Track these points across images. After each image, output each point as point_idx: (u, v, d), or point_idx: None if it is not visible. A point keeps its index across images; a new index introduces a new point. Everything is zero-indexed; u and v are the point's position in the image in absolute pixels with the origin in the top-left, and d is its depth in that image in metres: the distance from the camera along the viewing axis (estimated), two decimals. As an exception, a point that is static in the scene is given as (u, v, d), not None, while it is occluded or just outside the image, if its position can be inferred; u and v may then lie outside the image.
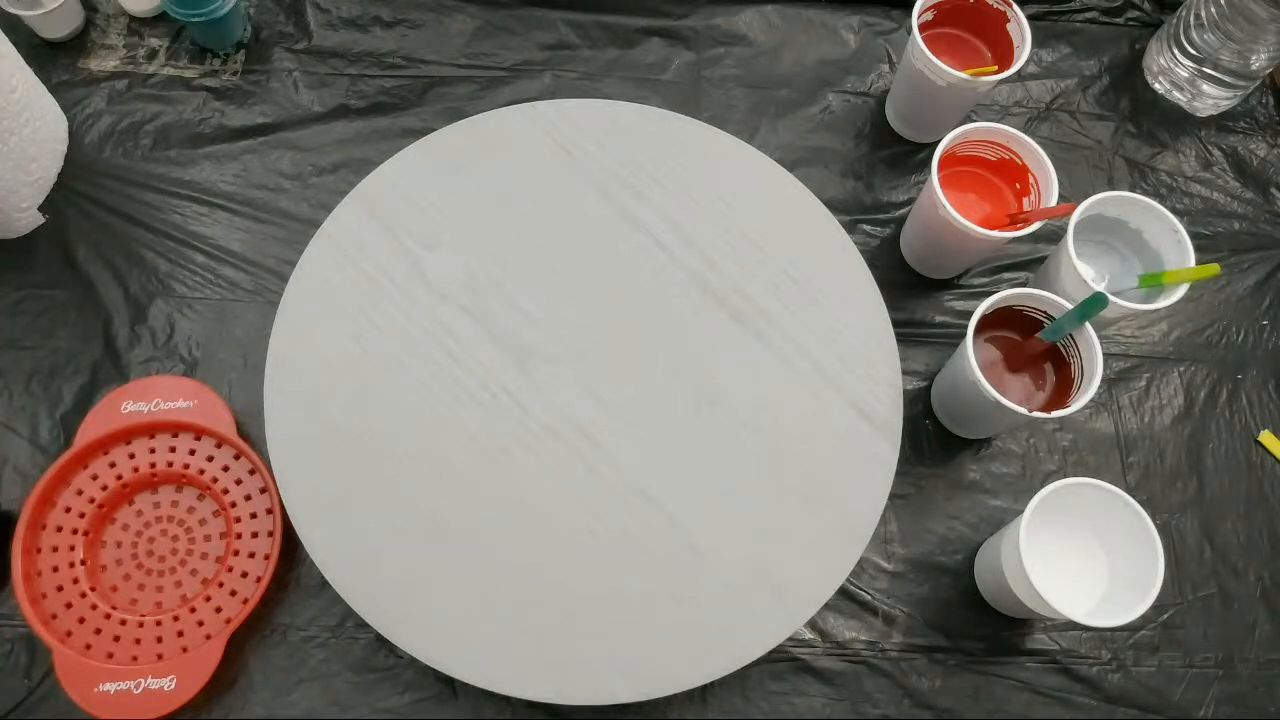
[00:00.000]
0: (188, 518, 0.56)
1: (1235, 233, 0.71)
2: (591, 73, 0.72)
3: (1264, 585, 0.61)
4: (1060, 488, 0.51)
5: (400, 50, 0.72)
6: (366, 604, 0.49)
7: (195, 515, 0.57)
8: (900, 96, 0.69)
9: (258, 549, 0.55)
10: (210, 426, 0.57)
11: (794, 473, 0.53)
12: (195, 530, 0.56)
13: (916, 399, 0.64)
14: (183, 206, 0.66)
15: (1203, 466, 0.63)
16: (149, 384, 0.58)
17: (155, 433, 0.57)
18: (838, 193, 0.69)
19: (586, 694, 0.48)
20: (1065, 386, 0.56)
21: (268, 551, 0.55)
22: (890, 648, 0.58)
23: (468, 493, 0.51)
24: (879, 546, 0.60)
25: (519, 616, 0.49)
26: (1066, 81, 0.75)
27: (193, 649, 0.53)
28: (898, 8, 0.76)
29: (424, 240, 0.56)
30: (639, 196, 0.58)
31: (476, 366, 0.54)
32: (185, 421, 0.57)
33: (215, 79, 0.70)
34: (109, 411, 0.57)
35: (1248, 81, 0.71)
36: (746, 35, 0.74)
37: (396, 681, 0.55)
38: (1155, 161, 0.72)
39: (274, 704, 0.54)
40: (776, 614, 0.50)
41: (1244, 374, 0.66)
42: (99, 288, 0.63)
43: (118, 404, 0.57)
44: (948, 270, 0.66)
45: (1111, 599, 0.52)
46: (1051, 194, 0.58)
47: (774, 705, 0.56)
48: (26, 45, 0.66)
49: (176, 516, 0.56)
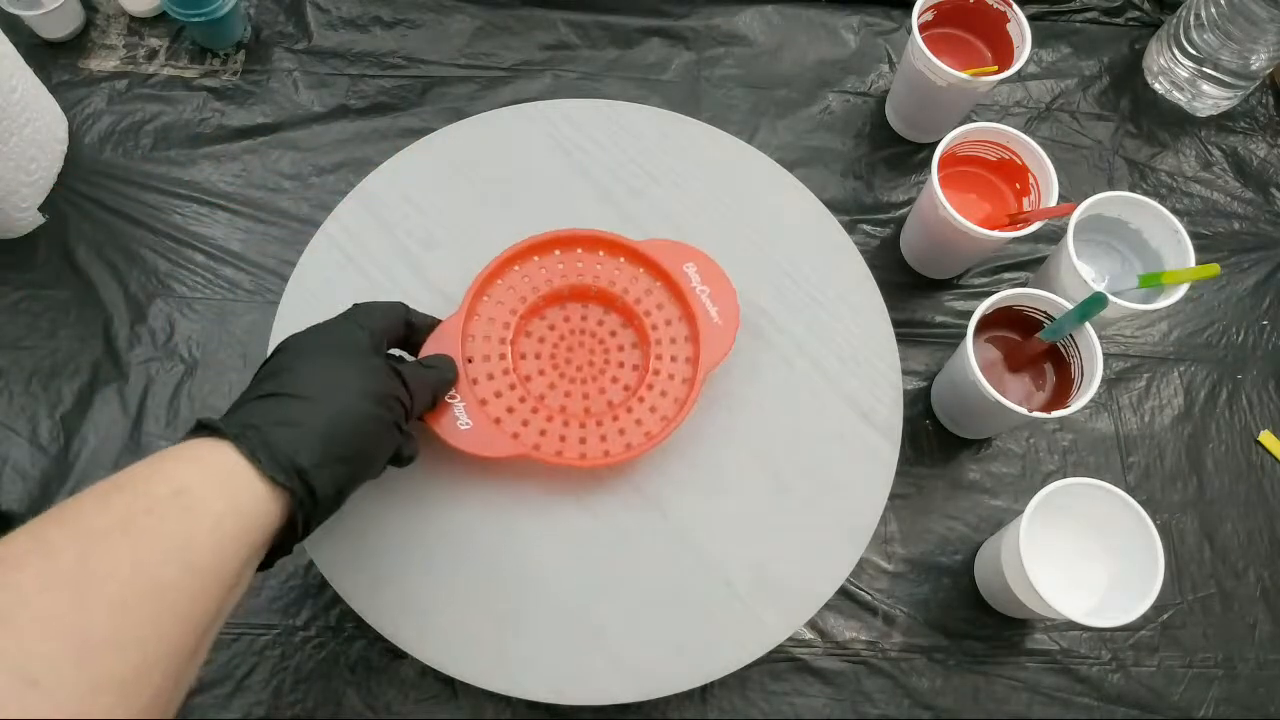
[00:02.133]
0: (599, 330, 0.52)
1: (1235, 233, 0.71)
2: (591, 73, 0.72)
3: (1264, 585, 0.61)
4: (1060, 488, 0.51)
5: (400, 50, 0.72)
6: (366, 604, 0.49)
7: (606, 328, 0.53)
8: (900, 96, 0.69)
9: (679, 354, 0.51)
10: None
11: (794, 473, 0.53)
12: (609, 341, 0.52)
13: (916, 399, 0.64)
14: (183, 206, 0.66)
15: (1203, 466, 0.63)
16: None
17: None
18: (838, 193, 0.69)
19: (586, 694, 0.48)
20: (1065, 386, 0.56)
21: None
22: (890, 648, 0.58)
23: (467, 492, 0.51)
24: (879, 546, 0.60)
25: (519, 617, 0.49)
26: (1066, 81, 0.75)
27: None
28: (898, 8, 0.76)
29: (424, 240, 0.56)
30: (639, 196, 0.58)
31: (476, 366, 0.54)
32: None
33: (215, 79, 0.70)
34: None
35: (1248, 81, 0.72)
36: (746, 35, 0.74)
37: (396, 681, 0.55)
38: (1155, 161, 0.72)
39: (274, 704, 0.54)
40: (776, 614, 0.50)
41: (1244, 374, 0.66)
42: (99, 288, 0.63)
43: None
44: (948, 270, 0.66)
45: (1111, 599, 0.52)
46: (1051, 194, 0.58)
47: (774, 705, 0.56)
48: (26, 45, 0.66)
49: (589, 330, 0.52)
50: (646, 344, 0.52)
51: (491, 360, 0.50)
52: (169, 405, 0.60)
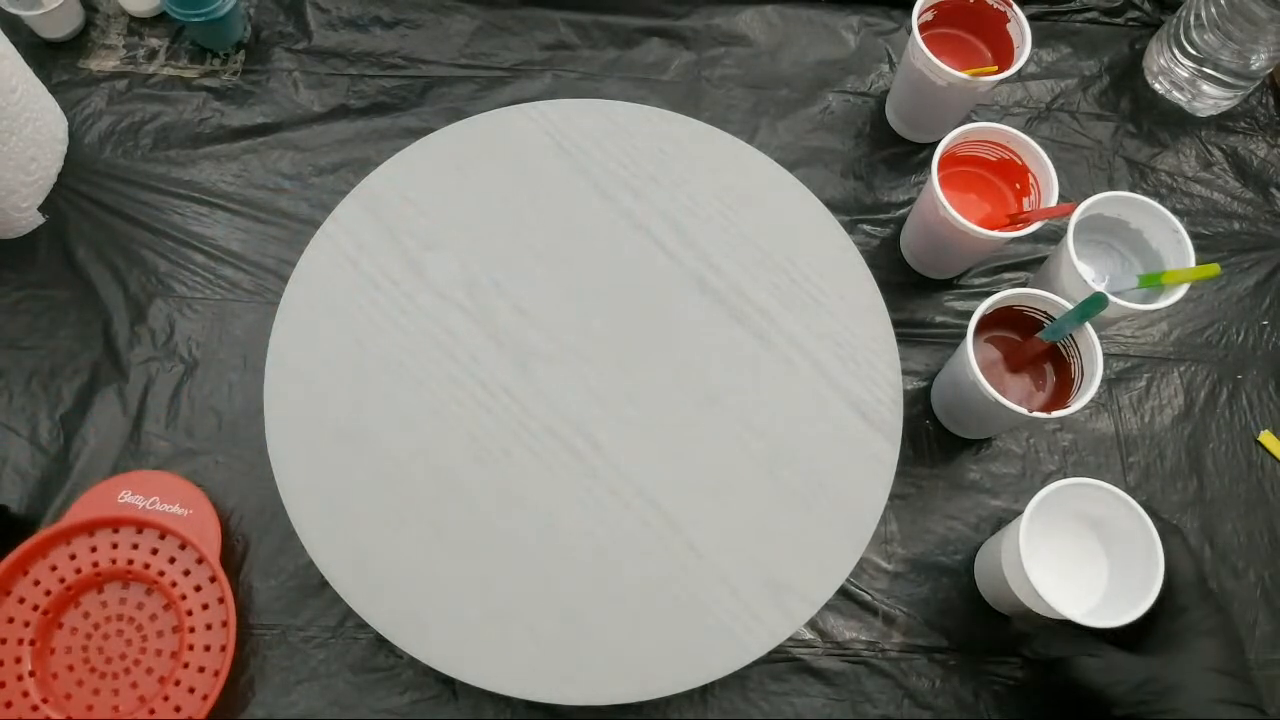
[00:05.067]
0: (137, 615, 0.54)
1: (1235, 233, 0.71)
2: (591, 73, 0.72)
3: (1264, 585, 0.61)
4: (1060, 488, 0.51)
5: (400, 50, 0.72)
6: (366, 604, 0.49)
7: (145, 611, 0.54)
8: (900, 96, 0.69)
9: (213, 642, 0.53)
10: (195, 541, 0.54)
11: (794, 473, 0.53)
12: (146, 627, 0.54)
13: (916, 399, 0.64)
14: (183, 206, 0.66)
15: (1203, 467, 0.63)
16: (151, 478, 0.57)
17: (143, 528, 0.55)
18: (838, 193, 0.69)
19: (586, 694, 0.48)
20: (1065, 386, 0.56)
21: (223, 643, 0.53)
22: (890, 648, 0.58)
23: (468, 493, 0.51)
24: (879, 546, 0.60)
25: (519, 616, 0.49)
26: (1066, 81, 0.75)
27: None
28: (898, 8, 0.76)
29: (424, 240, 0.56)
30: (639, 196, 0.58)
31: (476, 367, 0.54)
32: (174, 529, 0.54)
33: (215, 79, 0.70)
34: (107, 495, 0.56)
35: (1248, 81, 0.71)
36: (746, 35, 0.74)
37: (396, 681, 0.55)
38: (1155, 161, 0.72)
39: (274, 704, 0.54)
40: (776, 614, 0.50)
41: (1244, 374, 0.66)
42: (99, 288, 0.63)
43: (116, 491, 0.56)
44: (948, 270, 0.66)
45: (1111, 599, 0.52)
46: (1051, 194, 0.58)
47: (774, 705, 0.56)
48: (26, 45, 0.66)
49: (125, 615, 0.54)
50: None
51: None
52: (169, 405, 0.60)
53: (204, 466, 0.58)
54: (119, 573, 0.54)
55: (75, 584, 0.54)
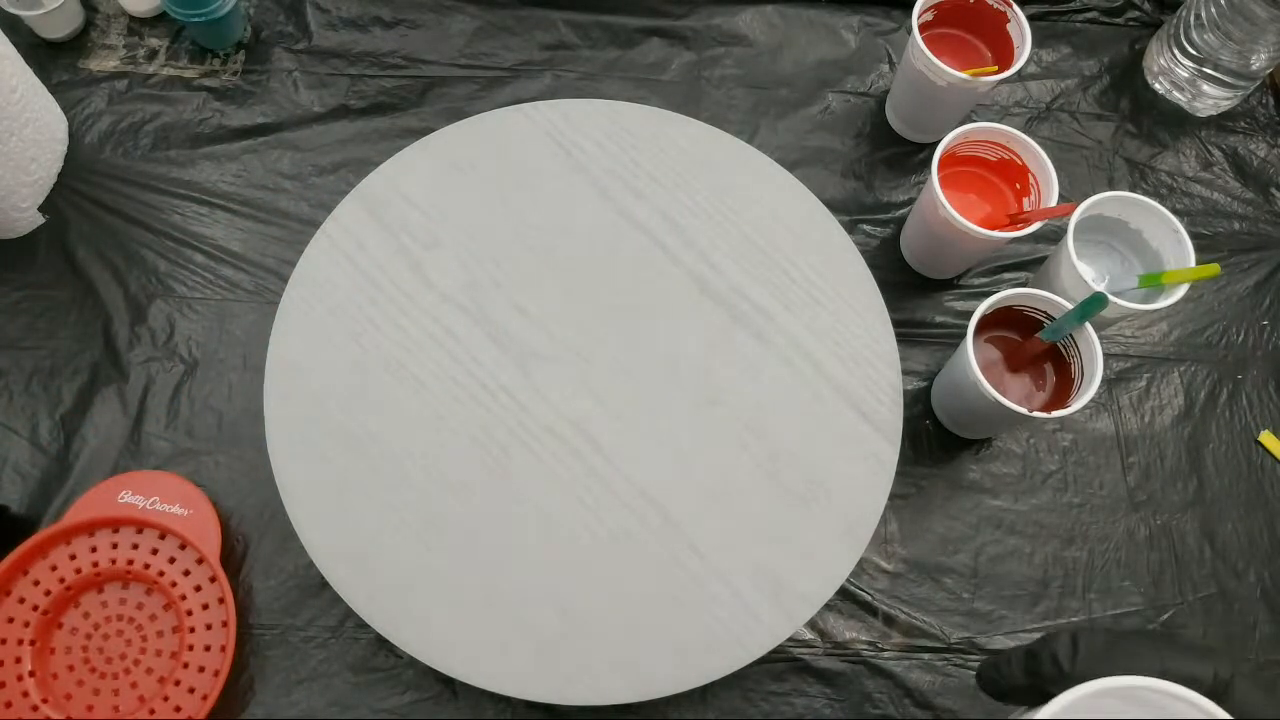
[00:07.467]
0: (137, 615, 0.54)
1: (1235, 233, 0.71)
2: (591, 73, 0.72)
3: (1264, 585, 0.61)
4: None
5: (400, 50, 0.72)
6: (366, 604, 0.49)
7: (145, 612, 0.54)
8: (900, 96, 0.69)
9: (213, 642, 0.53)
10: (195, 541, 0.54)
11: (794, 473, 0.53)
12: (146, 627, 0.54)
13: (916, 399, 0.64)
14: (183, 206, 0.66)
15: (1203, 466, 0.63)
16: (151, 478, 0.57)
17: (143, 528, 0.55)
18: (838, 193, 0.69)
19: (586, 694, 0.48)
20: (1065, 386, 0.56)
21: (223, 643, 0.53)
22: (890, 648, 0.58)
23: (468, 493, 0.51)
24: (879, 546, 0.60)
25: (519, 616, 0.49)
26: (1066, 81, 0.75)
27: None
28: (898, 8, 0.76)
29: (424, 240, 0.56)
30: (639, 196, 0.58)
31: (476, 367, 0.54)
32: (174, 529, 0.54)
33: (215, 79, 0.70)
34: (107, 495, 0.55)
35: (1248, 81, 0.71)
36: (746, 35, 0.74)
37: (396, 681, 0.55)
38: (1155, 161, 0.72)
39: (274, 704, 0.54)
40: (776, 614, 0.50)
41: (1244, 374, 0.66)
42: (99, 288, 0.63)
43: (116, 491, 0.55)
44: (948, 270, 0.66)
45: None
46: (1051, 194, 0.58)
47: (774, 705, 0.56)
48: (26, 45, 0.66)
49: (125, 615, 0.54)
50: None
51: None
52: (169, 405, 0.60)
53: (204, 466, 0.58)
54: (119, 573, 0.54)
55: (75, 584, 0.54)
